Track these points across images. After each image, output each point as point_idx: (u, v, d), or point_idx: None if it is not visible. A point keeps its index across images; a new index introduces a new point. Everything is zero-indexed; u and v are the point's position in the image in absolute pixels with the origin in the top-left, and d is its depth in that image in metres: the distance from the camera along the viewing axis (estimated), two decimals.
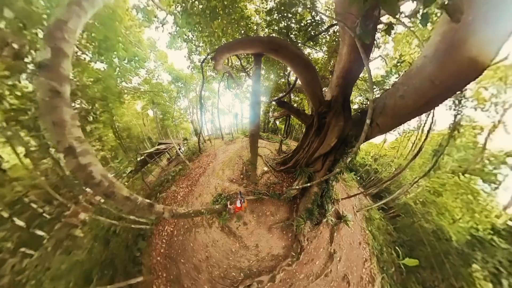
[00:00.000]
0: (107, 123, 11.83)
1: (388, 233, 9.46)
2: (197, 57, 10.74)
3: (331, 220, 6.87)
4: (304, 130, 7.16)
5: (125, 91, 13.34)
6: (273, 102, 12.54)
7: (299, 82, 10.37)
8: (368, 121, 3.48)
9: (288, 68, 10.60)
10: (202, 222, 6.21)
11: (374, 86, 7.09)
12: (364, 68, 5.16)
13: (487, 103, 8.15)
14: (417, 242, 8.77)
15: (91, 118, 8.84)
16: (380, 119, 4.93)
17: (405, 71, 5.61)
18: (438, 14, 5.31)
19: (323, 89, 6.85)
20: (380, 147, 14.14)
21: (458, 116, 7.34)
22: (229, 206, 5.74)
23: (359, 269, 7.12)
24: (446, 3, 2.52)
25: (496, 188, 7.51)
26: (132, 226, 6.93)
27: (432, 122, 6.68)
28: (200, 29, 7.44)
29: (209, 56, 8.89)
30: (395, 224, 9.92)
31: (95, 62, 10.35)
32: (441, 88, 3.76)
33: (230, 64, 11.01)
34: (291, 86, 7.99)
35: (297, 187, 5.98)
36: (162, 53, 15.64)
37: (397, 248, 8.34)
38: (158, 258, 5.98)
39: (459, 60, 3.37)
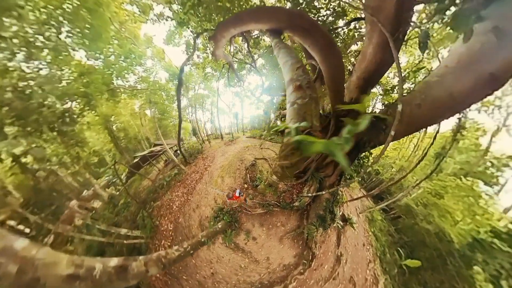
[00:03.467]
0: (95, 124, 11.09)
1: (390, 234, 9.56)
2: (196, 53, 10.21)
3: (339, 224, 6.81)
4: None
5: (122, 89, 12.69)
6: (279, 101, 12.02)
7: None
8: (392, 133, 3.29)
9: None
10: None
11: (390, 90, 6.89)
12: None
13: (491, 106, 8.22)
14: (418, 243, 8.88)
15: (67, 119, 7.83)
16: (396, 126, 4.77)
17: (422, 78, 5.46)
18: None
19: None
20: (382, 148, 14.09)
21: (462, 119, 7.35)
22: (227, 197, 5.46)
23: (364, 271, 7.18)
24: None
25: (499, 191, 7.65)
26: (125, 241, 6.39)
27: (439, 126, 6.66)
28: (198, 13, 6.13)
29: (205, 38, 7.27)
30: (396, 225, 10.03)
31: (88, 59, 9.65)
32: (459, 100, 3.68)
33: (232, 51, 9.26)
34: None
35: (310, 194, 5.71)
36: (159, 50, 14.96)
37: (399, 249, 8.44)
38: (157, 275, 5.58)
39: (481, 74, 3.28)
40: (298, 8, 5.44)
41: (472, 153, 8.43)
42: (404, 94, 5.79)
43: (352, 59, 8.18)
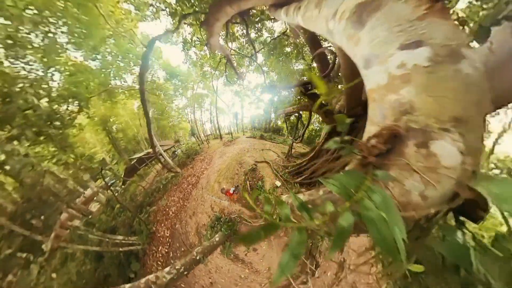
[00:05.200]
0: (93, 125, 10.85)
1: None
2: (193, 50, 9.94)
3: None
4: (324, 133, 6.25)
5: (120, 90, 12.49)
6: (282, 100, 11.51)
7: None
8: None
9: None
10: None
11: None
12: None
13: None
14: (420, 246, 8.76)
15: (58, 122, 7.32)
16: None
17: None
18: None
19: None
20: None
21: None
22: (221, 191, 5.22)
23: (366, 276, 7.06)
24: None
25: None
26: (120, 249, 6.26)
27: None
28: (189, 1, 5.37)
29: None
30: None
31: (85, 59, 9.37)
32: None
33: (229, 37, 7.76)
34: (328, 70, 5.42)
35: None
36: (156, 49, 14.70)
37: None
38: None
39: None
40: None
41: None
42: None
43: None
